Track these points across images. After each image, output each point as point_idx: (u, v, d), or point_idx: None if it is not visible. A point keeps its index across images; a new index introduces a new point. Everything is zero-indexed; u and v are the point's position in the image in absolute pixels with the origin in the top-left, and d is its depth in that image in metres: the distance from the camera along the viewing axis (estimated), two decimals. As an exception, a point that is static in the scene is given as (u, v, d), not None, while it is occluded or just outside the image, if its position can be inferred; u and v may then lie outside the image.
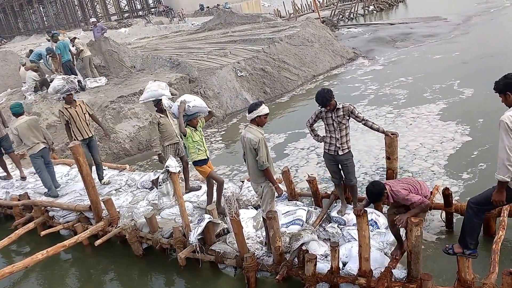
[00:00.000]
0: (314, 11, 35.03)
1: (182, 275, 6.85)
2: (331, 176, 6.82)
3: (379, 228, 6.44)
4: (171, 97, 7.90)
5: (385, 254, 5.93)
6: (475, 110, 11.37)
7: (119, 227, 7.61)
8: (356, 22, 33.17)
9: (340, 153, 6.42)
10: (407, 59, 19.54)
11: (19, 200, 9.08)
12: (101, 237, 7.56)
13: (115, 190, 9.21)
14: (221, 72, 16.59)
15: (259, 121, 5.78)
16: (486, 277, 4.94)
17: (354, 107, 6.32)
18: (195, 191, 8.28)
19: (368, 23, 30.74)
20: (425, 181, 7.98)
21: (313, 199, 7.57)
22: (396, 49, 21.77)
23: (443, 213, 6.59)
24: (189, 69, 16.32)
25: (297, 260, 5.93)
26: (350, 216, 6.65)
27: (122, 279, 7.21)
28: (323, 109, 6.34)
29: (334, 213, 6.89)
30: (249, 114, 5.79)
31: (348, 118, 6.34)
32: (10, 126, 9.51)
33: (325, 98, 6.13)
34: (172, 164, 6.78)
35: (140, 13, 52.98)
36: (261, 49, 18.81)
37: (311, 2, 37.78)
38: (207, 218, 6.58)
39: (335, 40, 22.51)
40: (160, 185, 7.93)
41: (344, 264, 5.78)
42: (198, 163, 7.18)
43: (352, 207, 6.79)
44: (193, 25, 35.60)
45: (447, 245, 5.23)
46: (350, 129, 6.48)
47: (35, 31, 49.26)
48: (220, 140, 12.93)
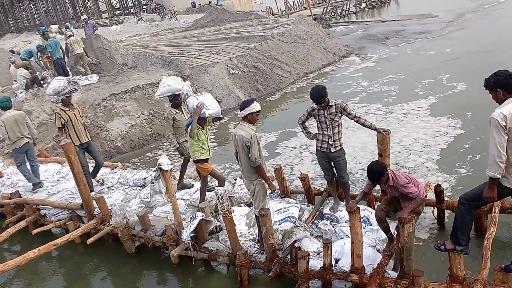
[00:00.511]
0: (306, 9, 35.09)
1: (174, 273, 6.83)
2: (324, 173, 6.83)
3: (371, 225, 6.46)
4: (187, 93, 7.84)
5: (377, 250, 5.95)
6: (468, 104, 11.46)
7: (111, 225, 7.58)
8: (348, 19, 33.29)
9: (332, 150, 6.44)
10: (399, 56, 19.59)
11: (10, 198, 9.03)
12: (93, 235, 7.54)
13: (107, 188, 9.17)
14: (213, 69, 16.55)
15: (250, 118, 5.79)
16: (477, 273, 4.97)
17: (346, 104, 6.34)
18: (187, 188, 8.26)
19: (360, 21, 30.85)
20: (419, 177, 8.10)
21: (305, 196, 7.59)
22: (388, 46, 21.84)
23: (435, 209, 6.63)
24: (181, 66, 16.25)
25: (289, 257, 5.93)
26: (342, 213, 6.67)
27: (114, 277, 7.19)
28: (315, 106, 6.35)
29: (326, 210, 6.91)
30: (240, 111, 5.79)
31: (340, 115, 6.35)
32: None
33: (321, 94, 6.14)
34: (164, 162, 6.75)
35: (131, 10, 52.72)
36: (253, 47, 18.78)
37: (303, -1, 37.88)
38: (200, 215, 6.57)
39: (327, 37, 22.52)
40: (152, 183, 7.90)
41: (336, 261, 5.80)
42: (200, 161, 7.18)
43: (344, 204, 6.82)
44: (184, 22, 35.44)
45: (438, 242, 5.26)
46: (341, 126, 6.50)
47: (26, 28, 48.84)
48: (212, 138, 12.88)
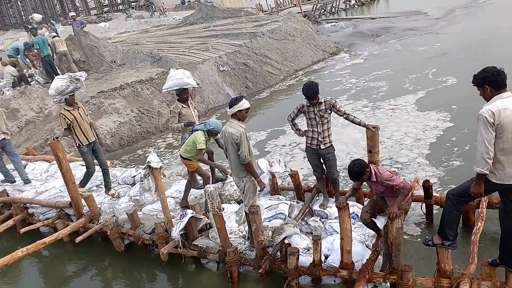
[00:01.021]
0: (296, 6, 35.03)
1: (164, 271, 6.81)
2: (313, 170, 6.85)
3: (360, 221, 6.49)
4: (195, 86, 7.82)
5: (366, 246, 5.99)
6: (457, 98, 11.64)
7: (100, 223, 7.53)
8: (337, 16, 33.30)
9: (322, 147, 6.46)
10: (389, 52, 19.71)
11: (-3, 197, 8.93)
12: (82, 234, 7.48)
13: (96, 186, 9.10)
14: (203, 66, 16.48)
15: (240, 116, 5.77)
16: (465, 268, 5.02)
17: (335, 101, 6.37)
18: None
19: (349, 18, 30.88)
20: (410, 173, 8.17)
21: (295, 193, 7.59)
22: (377, 43, 21.93)
23: (423, 205, 6.68)
24: (170, 63, 16.14)
25: (279, 253, 5.95)
26: (332, 209, 6.70)
27: (104, 276, 7.15)
28: (305, 103, 6.37)
29: (316, 207, 6.93)
30: (230, 108, 5.78)
31: (330, 112, 6.38)
32: None
33: (314, 90, 6.15)
34: (153, 159, 6.71)
35: (120, 7, 52.20)
36: (243, 44, 18.75)
37: (293, -4, 37.84)
38: (190, 213, 6.56)
39: (316, 34, 22.55)
40: (142, 181, 7.85)
41: (326, 257, 5.83)
42: (186, 158, 7.27)
43: (334, 200, 6.84)
44: (174, 19, 35.18)
45: (426, 237, 5.30)
46: (331, 123, 6.52)
47: (13, 26, 48.24)
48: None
